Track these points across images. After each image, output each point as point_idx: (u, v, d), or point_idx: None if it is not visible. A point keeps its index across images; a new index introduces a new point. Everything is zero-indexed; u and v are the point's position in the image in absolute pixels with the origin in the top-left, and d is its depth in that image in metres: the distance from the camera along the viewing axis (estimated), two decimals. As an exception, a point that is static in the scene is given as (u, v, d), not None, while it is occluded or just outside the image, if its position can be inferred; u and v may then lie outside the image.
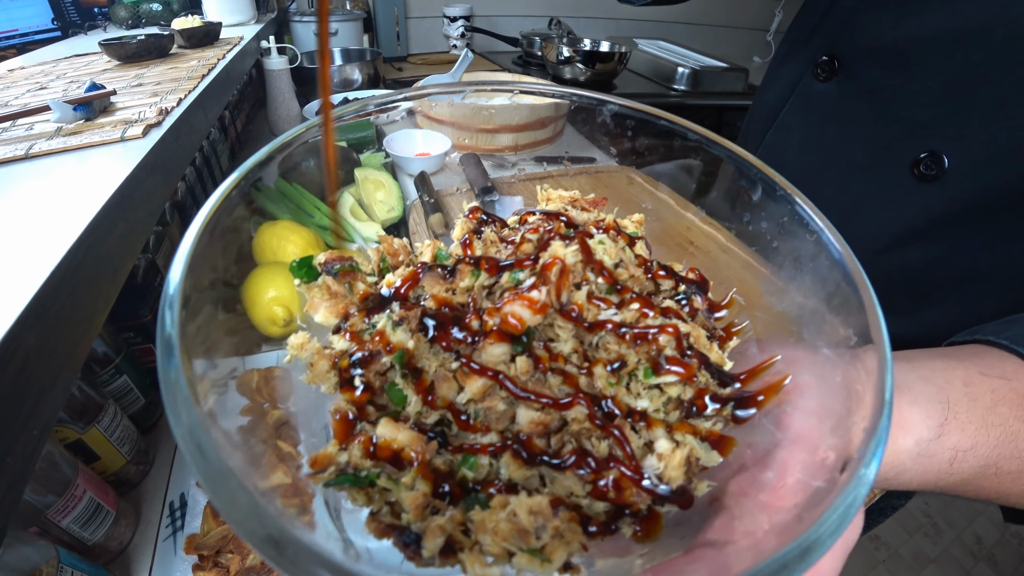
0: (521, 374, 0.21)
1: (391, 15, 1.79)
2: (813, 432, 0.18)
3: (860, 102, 0.51)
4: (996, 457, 0.24)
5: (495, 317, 0.22)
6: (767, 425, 0.21)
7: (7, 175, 0.38)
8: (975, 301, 0.48)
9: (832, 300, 0.21)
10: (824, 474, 0.16)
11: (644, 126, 0.31)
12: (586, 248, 0.24)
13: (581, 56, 1.58)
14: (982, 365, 0.26)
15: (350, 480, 0.19)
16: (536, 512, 0.17)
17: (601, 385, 0.22)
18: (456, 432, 0.21)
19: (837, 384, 0.19)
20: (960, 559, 1.62)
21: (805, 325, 0.23)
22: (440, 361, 0.22)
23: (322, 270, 0.25)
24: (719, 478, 0.20)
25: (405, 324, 0.21)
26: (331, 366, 0.22)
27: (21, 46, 1.01)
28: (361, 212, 0.68)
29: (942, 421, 0.23)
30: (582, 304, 0.23)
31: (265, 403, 0.24)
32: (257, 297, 0.29)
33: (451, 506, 0.19)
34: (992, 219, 0.44)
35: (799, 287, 0.24)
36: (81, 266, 0.29)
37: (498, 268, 0.24)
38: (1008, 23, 0.40)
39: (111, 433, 0.50)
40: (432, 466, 0.20)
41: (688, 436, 0.21)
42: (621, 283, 0.25)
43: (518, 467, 0.20)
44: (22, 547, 0.37)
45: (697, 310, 0.25)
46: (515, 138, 0.87)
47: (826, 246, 0.22)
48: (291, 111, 1.17)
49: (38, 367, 0.24)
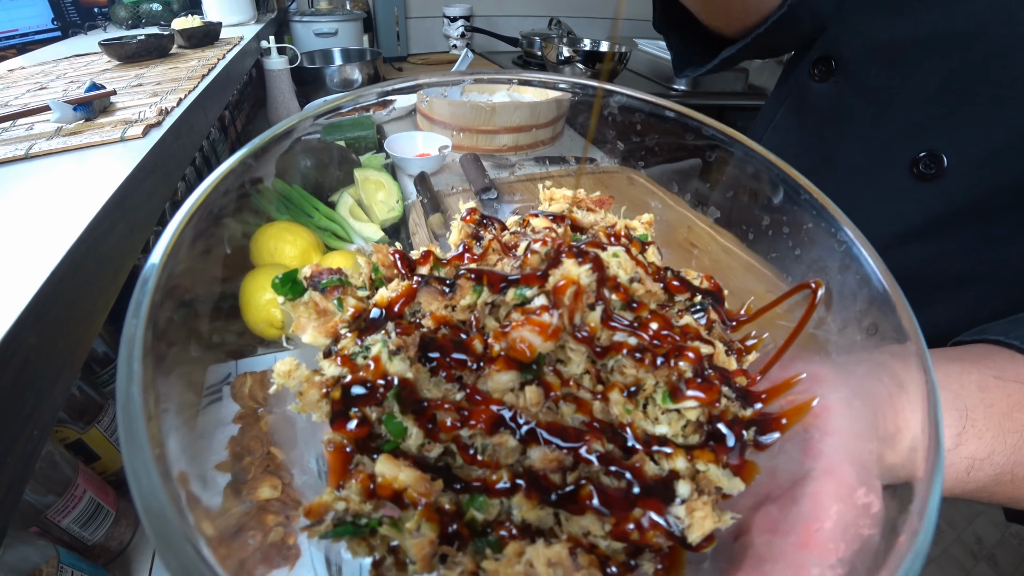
0: (531, 405, 0.19)
1: (391, 15, 1.79)
2: (846, 465, 0.17)
3: (857, 102, 0.50)
4: (1012, 464, 0.23)
5: (502, 342, 0.20)
6: (792, 451, 0.19)
7: (7, 175, 0.38)
8: (975, 301, 0.47)
9: (864, 318, 0.19)
10: (869, 523, 0.15)
11: (651, 121, 0.29)
12: (601, 266, 0.22)
13: (581, 56, 1.58)
14: (995, 368, 0.25)
15: (349, 531, 0.18)
16: (555, 564, 0.16)
17: (618, 412, 0.20)
18: (462, 464, 0.20)
19: (870, 412, 0.17)
20: (960, 559, 1.62)
21: (832, 343, 0.21)
22: (443, 392, 0.20)
23: (308, 285, 0.23)
24: (741, 507, 0.19)
25: (403, 353, 0.19)
26: (322, 395, 0.20)
27: (21, 46, 1.01)
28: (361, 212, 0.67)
29: (960, 430, 0.23)
30: (596, 327, 0.21)
31: (260, 408, 0.23)
32: (253, 299, 0.29)
33: (460, 551, 0.17)
34: (990, 218, 0.44)
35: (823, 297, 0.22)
36: (81, 266, 0.29)
37: (503, 283, 0.21)
38: (1003, 23, 0.40)
39: (111, 433, 0.50)
40: (437, 506, 0.18)
41: (710, 465, 0.19)
42: (637, 299, 0.23)
43: (531, 507, 0.18)
44: (22, 547, 0.37)
45: (714, 322, 0.24)
46: (515, 138, 0.87)
47: (856, 258, 0.20)
48: (291, 111, 1.17)
49: (38, 367, 0.24)
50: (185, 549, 0.13)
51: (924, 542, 0.13)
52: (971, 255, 0.46)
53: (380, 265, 0.24)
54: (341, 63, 1.50)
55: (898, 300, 0.19)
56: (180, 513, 0.13)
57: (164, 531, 0.13)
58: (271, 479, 0.51)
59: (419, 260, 0.25)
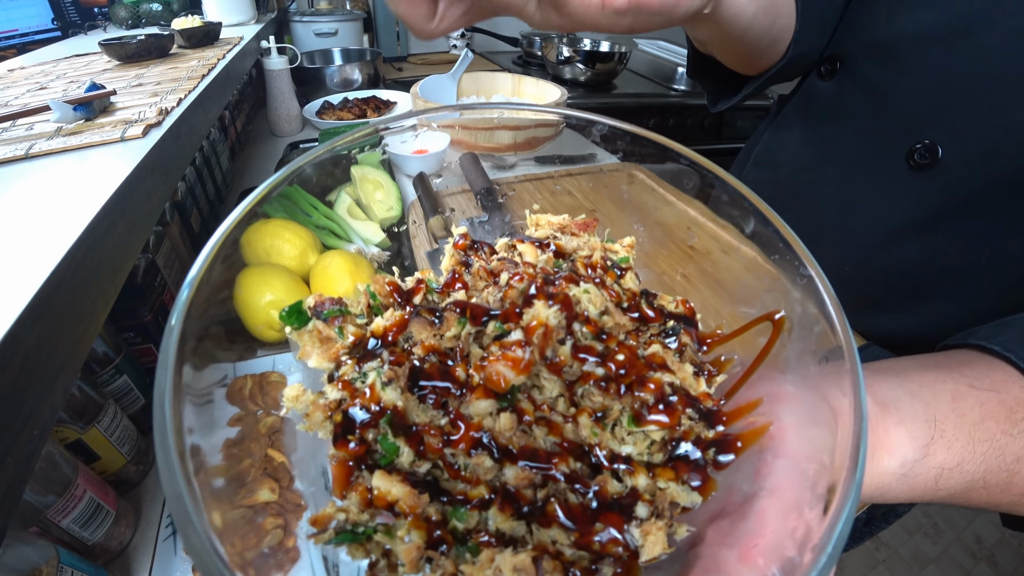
0: (505, 430, 0.22)
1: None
2: (790, 487, 0.18)
3: (858, 98, 0.52)
4: (983, 472, 0.24)
5: (480, 373, 0.22)
6: (748, 470, 0.21)
7: (7, 175, 0.38)
8: (973, 297, 0.48)
9: (817, 351, 0.21)
10: (793, 547, 0.16)
11: (636, 142, 0.31)
12: (570, 306, 0.24)
13: (581, 56, 1.58)
14: (971, 376, 0.26)
15: (349, 538, 0.20)
16: (520, 569, 0.18)
17: (586, 434, 0.23)
18: (448, 478, 0.22)
19: (817, 437, 0.19)
20: (960, 559, 1.62)
21: (791, 367, 0.23)
22: (430, 417, 0.23)
23: (312, 314, 0.25)
24: (698, 521, 0.21)
25: (394, 384, 0.22)
26: (326, 417, 0.23)
27: (21, 46, 1.01)
28: (359, 211, 0.67)
29: (927, 441, 0.24)
30: (566, 358, 0.23)
31: (259, 410, 0.25)
32: (251, 300, 0.29)
33: (443, 556, 0.20)
34: (988, 213, 0.45)
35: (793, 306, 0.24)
36: (81, 266, 0.29)
37: (483, 317, 0.24)
38: (997, 18, 0.41)
39: (111, 433, 0.50)
40: (425, 515, 0.20)
41: (670, 483, 0.21)
42: (607, 331, 0.25)
43: (505, 519, 0.21)
44: (22, 547, 0.37)
45: (685, 346, 0.26)
46: (514, 136, 0.87)
47: (818, 294, 0.21)
48: (291, 111, 1.17)
49: (38, 367, 0.24)
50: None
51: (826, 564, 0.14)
52: (969, 250, 0.47)
53: (377, 294, 0.27)
54: (341, 63, 1.50)
55: (843, 326, 0.20)
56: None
57: None
58: (269, 482, 0.52)
59: (413, 289, 0.27)
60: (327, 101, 1.27)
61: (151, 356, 0.63)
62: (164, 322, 0.70)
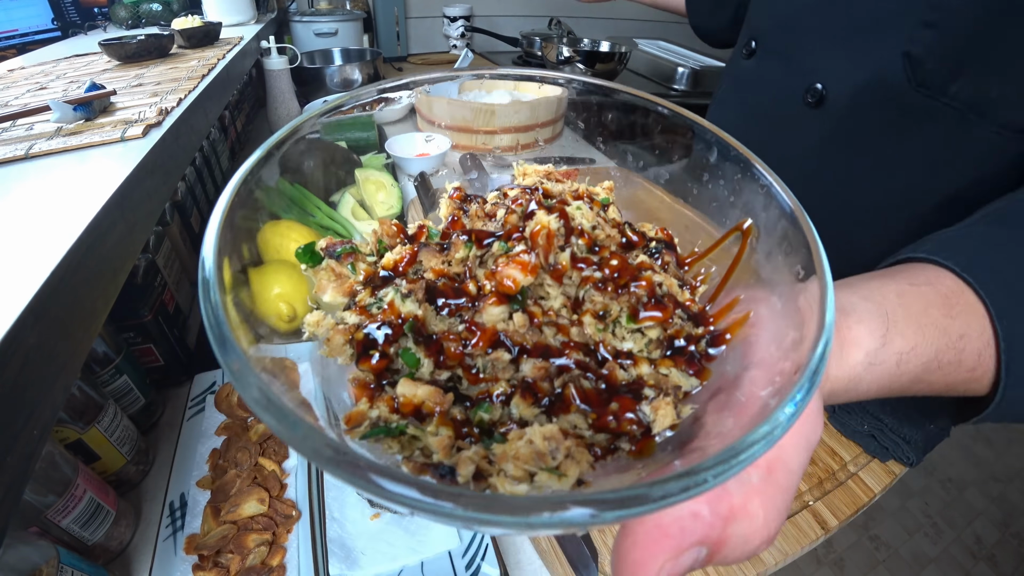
0: (520, 328, 0.24)
1: (391, 15, 1.79)
2: (773, 355, 0.21)
3: (771, 66, 0.65)
4: (935, 351, 0.28)
5: (491, 281, 0.24)
6: (737, 356, 0.23)
7: (7, 175, 0.38)
8: (892, 231, 0.56)
9: (783, 244, 0.24)
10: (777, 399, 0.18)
11: (607, 103, 0.34)
12: (566, 216, 0.27)
13: (581, 56, 1.58)
14: (909, 277, 0.30)
15: (383, 431, 0.21)
16: (549, 437, 0.20)
17: (591, 331, 0.25)
18: (467, 387, 0.23)
19: (790, 314, 0.21)
20: (960, 559, 1.62)
21: (762, 267, 0.26)
22: (447, 325, 0.24)
23: (325, 254, 0.27)
24: (699, 401, 0.23)
25: (413, 296, 0.24)
26: (346, 340, 0.24)
27: (21, 46, 1.01)
28: (362, 212, 0.68)
29: (884, 332, 0.27)
30: (566, 264, 0.26)
31: (249, 418, 0.25)
32: (262, 292, 0.30)
33: (473, 447, 0.21)
34: (876, 145, 0.55)
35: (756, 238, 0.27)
36: (81, 266, 0.29)
37: (489, 239, 0.26)
38: None
39: (111, 433, 0.50)
40: (450, 415, 0.22)
41: (672, 369, 0.24)
42: (599, 243, 0.28)
43: (527, 406, 0.22)
44: (22, 547, 0.37)
45: (668, 263, 0.28)
46: (515, 138, 0.87)
47: (776, 197, 0.25)
48: (291, 111, 1.17)
49: (38, 367, 0.24)
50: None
51: (798, 403, 0.17)
52: (871, 182, 0.57)
53: (384, 236, 0.29)
54: (341, 63, 1.50)
55: (803, 220, 0.23)
56: None
57: None
58: (258, 492, 0.51)
59: (416, 233, 0.29)
60: (327, 101, 1.27)
61: (151, 356, 0.63)
62: (164, 322, 0.70)
